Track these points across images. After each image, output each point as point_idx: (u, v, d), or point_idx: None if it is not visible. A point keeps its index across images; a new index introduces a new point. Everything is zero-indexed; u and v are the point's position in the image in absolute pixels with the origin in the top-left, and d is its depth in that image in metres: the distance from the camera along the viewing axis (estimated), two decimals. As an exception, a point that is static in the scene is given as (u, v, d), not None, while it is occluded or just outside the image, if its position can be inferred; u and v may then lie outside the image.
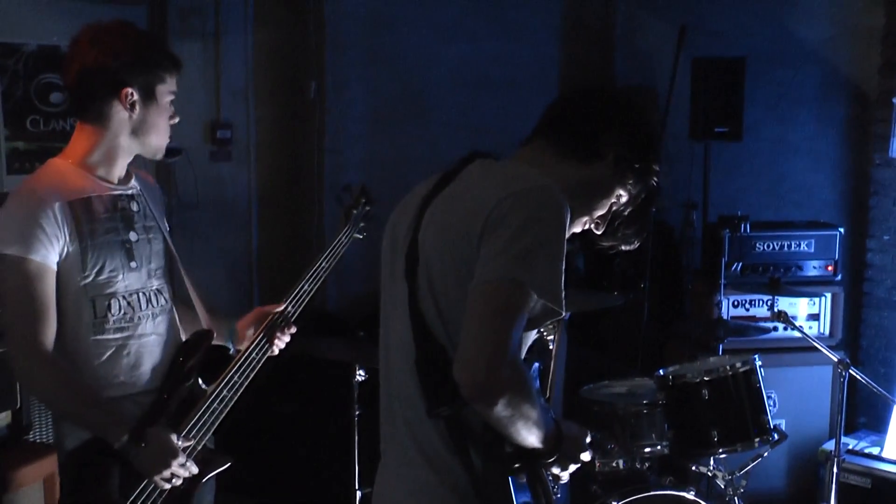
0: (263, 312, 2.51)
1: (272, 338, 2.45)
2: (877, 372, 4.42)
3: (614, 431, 3.13)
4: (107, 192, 2.26)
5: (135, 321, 2.26)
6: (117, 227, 2.25)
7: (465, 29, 5.23)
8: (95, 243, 2.20)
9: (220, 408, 2.31)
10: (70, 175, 2.23)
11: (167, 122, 2.30)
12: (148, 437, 2.15)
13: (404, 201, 1.93)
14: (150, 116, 2.25)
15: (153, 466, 2.15)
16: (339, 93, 4.91)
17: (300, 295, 2.53)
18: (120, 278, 2.23)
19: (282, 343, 2.48)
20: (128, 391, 2.25)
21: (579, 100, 1.92)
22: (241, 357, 2.39)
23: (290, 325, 2.50)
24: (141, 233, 2.31)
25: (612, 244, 1.98)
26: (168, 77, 2.27)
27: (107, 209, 2.24)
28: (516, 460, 1.74)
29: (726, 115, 4.76)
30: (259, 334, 2.44)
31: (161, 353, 2.33)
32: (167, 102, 2.28)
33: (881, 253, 4.55)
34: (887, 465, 3.89)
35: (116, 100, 2.21)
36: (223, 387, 2.33)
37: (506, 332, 1.62)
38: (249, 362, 2.39)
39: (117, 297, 2.23)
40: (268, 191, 4.92)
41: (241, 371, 2.37)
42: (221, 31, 4.63)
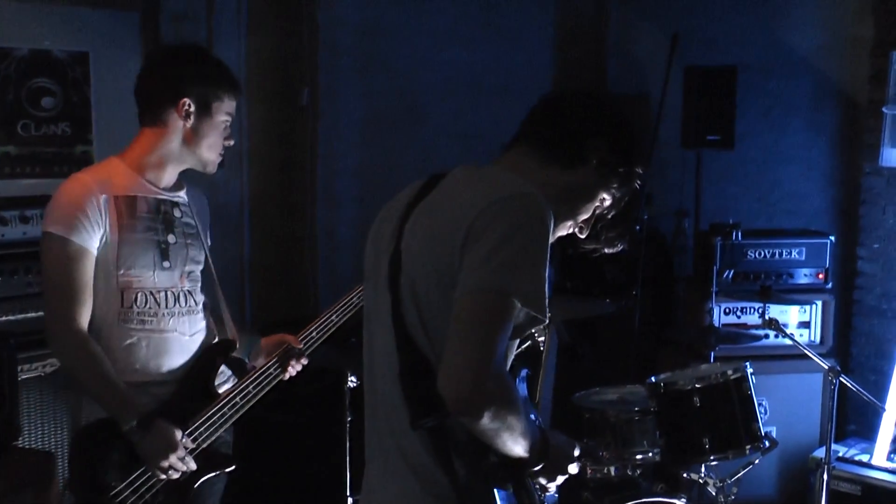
0: (285, 340, 2.68)
1: (285, 364, 2.63)
2: (867, 379, 4.44)
3: (606, 438, 3.14)
4: (152, 195, 2.44)
5: (158, 316, 2.41)
6: (157, 227, 2.42)
7: (458, 36, 5.23)
8: (133, 238, 2.37)
9: (231, 412, 2.46)
10: (122, 173, 2.41)
11: (220, 139, 2.46)
12: (154, 428, 2.30)
13: (387, 208, 1.92)
14: (203, 129, 2.42)
15: (154, 455, 2.30)
16: (332, 99, 4.91)
17: (326, 324, 2.72)
18: (150, 275, 2.39)
19: (293, 371, 2.66)
20: (143, 379, 2.40)
21: (562, 104, 1.92)
22: (258, 371, 2.56)
23: (304, 356, 2.68)
24: (180, 237, 2.47)
25: (596, 247, 1.98)
26: (226, 97, 2.45)
27: (150, 210, 2.42)
28: (501, 470, 1.74)
29: (718, 124, 4.78)
30: (273, 358, 2.62)
31: (183, 351, 2.47)
32: (221, 120, 2.45)
33: (871, 261, 4.57)
34: (877, 473, 3.91)
35: (174, 108, 2.40)
36: (237, 394, 2.49)
37: (490, 344, 1.61)
38: (266, 377, 2.57)
39: (144, 292, 2.39)
40: (260, 197, 4.91)
41: (257, 383, 2.54)
42: (214, 37, 4.62)
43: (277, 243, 4.98)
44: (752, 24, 5.10)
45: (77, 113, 4.12)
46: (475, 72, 5.26)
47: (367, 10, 4.96)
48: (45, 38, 4.03)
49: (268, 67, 4.88)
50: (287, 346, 2.65)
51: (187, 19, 4.51)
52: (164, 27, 4.44)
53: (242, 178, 4.84)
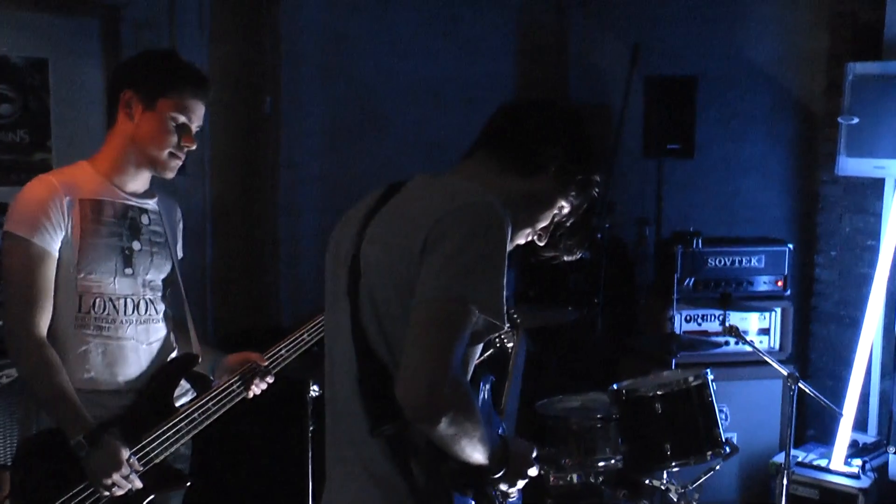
0: (250, 358, 2.61)
1: (249, 383, 2.56)
2: (825, 385, 4.50)
3: (569, 446, 3.15)
4: (120, 200, 2.39)
5: (116, 323, 2.36)
6: (122, 233, 2.37)
7: (421, 45, 5.25)
8: (96, 243, 2.32)
9: (188, 428, 2.40)
10: (89, 177, 2.37)
11: (168, 137, 2.36)
12: (100, 444, 2.23)
13: (346, 216, 1.92)
14: (145, 124, 2.35)
15: (98, 472, 2.23)
16: (294, 108, 4.90)
17: (297, 342, 2.65)
18: (110, 281, 2.34)
19: (258, 389, 2.59)
20: (97, 388, 2.34)
21: (520, 112, 1.92)
22: (219, 388, 2.50)
23: (269, 375, 2.60)
24: (145, 244, 2.42)
25: (555, 255, 1.99)
26: (177, 95, 2.35)
27: (116, 214, 2.37)
28: (461, 477, 1.74)
29: (678, 133, 4.84)
30: (236, 375, 2.55)
31: (140, 361, 2.41)
32: (169, 117, 2.35)
33: (828, 268, 4.64)
34: (835, 477, 3.96)
35: (119, 104, 2.35)
36: (195, 409, 2.43)
37: (447, 351, 1.61)
38: (227, 394, 2.50)
39: (103, 298, 2.34)
40: (222, 206, 4.88)
41: (217, 400, 2.47)
42: (176, 45, 4.59)
43: (239, 252, 4.95)
44: (711, 36, 5.17)
45: (35, 120, 4.08)
46: (437, 81, 5.28)
47: (330, 20, 4.96)
48: (3, 45, 3.99)
49: (230, 76, 4.86)
50: (252, 364, 2.58)
51: (149, 27, 4.48)
52: (125, 35, 4.40)
53: (204, 186, 4.81)
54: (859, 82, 4.13)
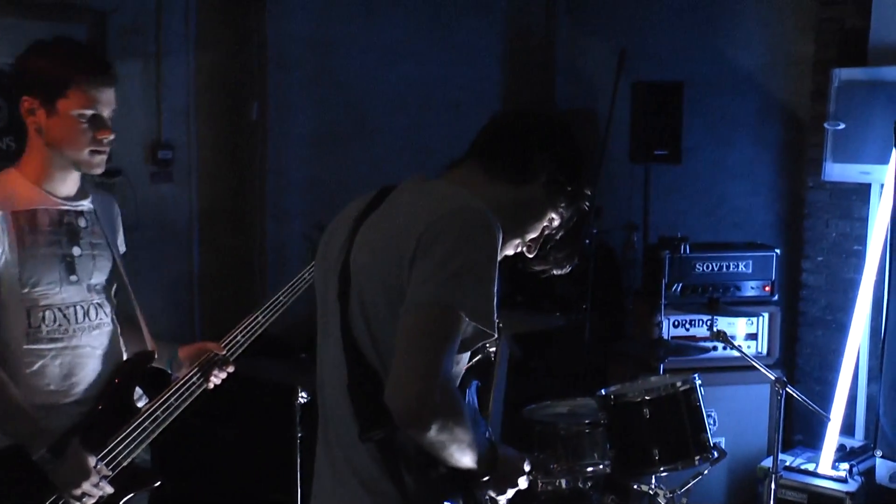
0: (206, 348, 2.55)
1: (208, 374, 2.50)
2: (812, 390, 4.52)
3: (556, 451, 3.14)
4: (54, 206, 2.30)
5: (69, 333, 2.31)
6: (60, 240, 2.30)
7: (408, 51, 5.25)
8: (35, 254, 2.25)
9: (153, 427, 2.36)
10: (19, 187, 2.28)
11: (83, 135, 2.26)
12: (66, 454, 2.19)
13: (337, 220, 1.92)
14: (54, 129, 2.25)
15: (67, 483, 2.19)
16: (281, 114, 4.89)
17: (252, 326, 2.60)
18: (57, 291, 2.28)
19: (217, 380, 2.53)
20: (58, 400, 2.30)
21: (512, 122, 1.93)
22: (179, 382, 2.45)
23: (228, 364, 2.54)
24: (86, 248, 2.35)
25: (545, 268, 1.98)
26: (75, 89, 2.22)
27: (52, 222, 2.29)
28: (450, 482, 1.74)
29: (665, 139, 4.85)
30: (194, 368, 2.49)
31: (97, 367, 2.37)
32: (75, 115, 2.24)
33: (815, 273, 4.66)
34: (822, 481, 3.97)
35: (22, 111, 2.27)
36: (157, 406, 2.39)
37: (437, 357, 1.61)
38: (189, 387, 2.46)
39: (52, 309, 2.28)
40: (209, 212, 4.87)
41: (179, 395, 2.43)
42: (163, 51, 4.58)
43: (227, 258, 4.94)
44: (698, 42, 5.20)
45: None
46: (425, 87, 5.28)
47: (317, 25, 4.96)
48: (-11, 51, 3.96)
49: (217, 82, 4.85)
50: (209, 354, 2.52)
51: (135, 33, 4.47)
52: (112, 41, 4.39)
53: (191, 192, 4.79)
54: (845, 88, 4.15)
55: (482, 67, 5.56)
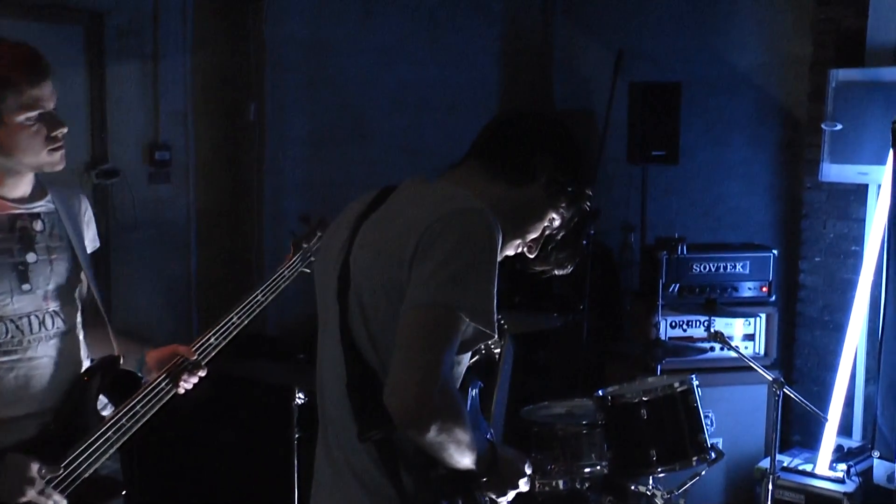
0: (176, 352, 2.41)
1: (177, 379, 2.37)
2: (810, 390, 4.52)
3: (554, 452, 3.13)
4: (5, 211, 2.19)
5: (24, 345, 2.19)
6: (12, 248, 2.18)
7: (405, 53, 5.25)
8: None
9: (116, 437, 2.24)
10: None
11: (36, 138, 2.15)
12: (6, 463, 2.09)
13: (337, 221, 1.91)
14: (5, 141, 2.13)
15: (10, 493, 2.08)
16: (279, 115, 4.89)
17: (227, 327, 2.46)
18: (8, 301, 2.17)
19: (188, 384, 2.40)
20: (15, 413, 2.18)
21: (512, 122, 1.92)
22: (146, 388, 2.32)
23: (199, 368, 2.41)
24: (42, 253, 2.23)
25: (546, 268, 1.98)
26: (15, 96, 2.10)
27: (2, 229, 2.18)
28: (449, 483, 1.74)
29: (663, 139, 4.85)
30: (163, 374, 2.36)
31: (55, 376, 2.25)
32: (20, 122, 2.12)
33: (813, 274, 4.67)
34: (819, 482, 3.98)
35: None
36: (122, 415, 2.26)
37: (436, 358, 1.61)
38: (157, 394, 2.32)
39: (4, 321, 2.16)
40: (207, 213, 4.87)
41: (146, 402, 2.30)
42: (160, 52, 4.58)
43: (225, 259, 4.94)
44: (695, 43, 5.20)
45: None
46: (422, 88, 5.28)
47: (315, 27, 4.96)
48: (-15, 52, 3.95)
49: (214, 83, 4.85)
50: (178, 359, 2.38)
51: (132, 34, 4.46)
52: (109, 42, 4.39)
53: (189, 194, 4.79)
54: (842, 89, 4.16)
55: (479, 69, 5.56)
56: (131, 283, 4.60)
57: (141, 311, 4.62)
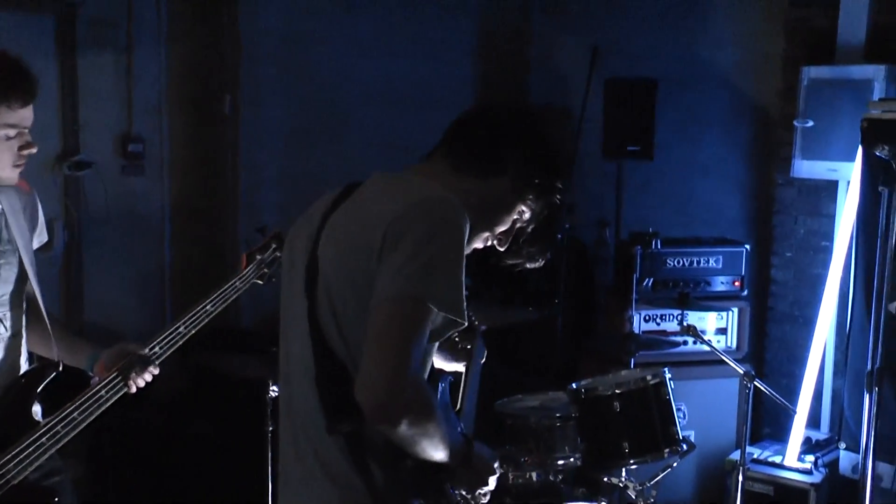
0: (126, 350, 2.37)
1: (127, 378, 2.31)
2: (780, 384, 4.57)
3: (528, 445, 3.16)
4: None
5: None
6: None
7: (382, 46, 5.25)
8: None
9: (50, 443, 2.17)
10: None
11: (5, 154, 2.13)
12: None
13: (304, 215, 1.91)
14: None
15: None
16: (254, 108, 4.87)
17: (173, 336, 2.41)
18: None
19: (140, 383, 2.35)
20: None
21: (481, 115, 1.92)
22: (85, 394, 2.25)
23: (151, 366, 2.36)
24: None
25: (517, 262, 1.98)
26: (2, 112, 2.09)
27: None
28: (419, 476, 1.74)
29: (638, 135, 4.88)
30: (112, 373, 2.30)
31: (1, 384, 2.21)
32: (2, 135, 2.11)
33: (784, 269, 4.71)
34: (788, 473, 4.03)
35: None
36: (57, 422, 2.19)
37: (406, 352, 1.61)
38: (96, 400, 2.25)
39: None
40: (181, 206, 4.84)
41: (84, 409, 2.23)
42: (134, 44, 4.55)
43: (199, 253, 4.91)
44: (670, 40, 5.23)
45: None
46: (398, 82, 5.28)
47: (290, 19, 4.94)
48: (-44, 43, 3.91)
49: (189, 75, 4.82)
50: (129, 356, 2.34)
51: (105, 25, 4.43)
52: (81, 33, 4.36)
53: (163, 187, 4.77)
54: (813, 86, 4.20)
55: (456, 64, 5.56)
56: (104, 277, 4.57)
57: (114, 306, 4.59)
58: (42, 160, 4.16)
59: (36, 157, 2.28)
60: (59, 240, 4.37)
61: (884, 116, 3.73)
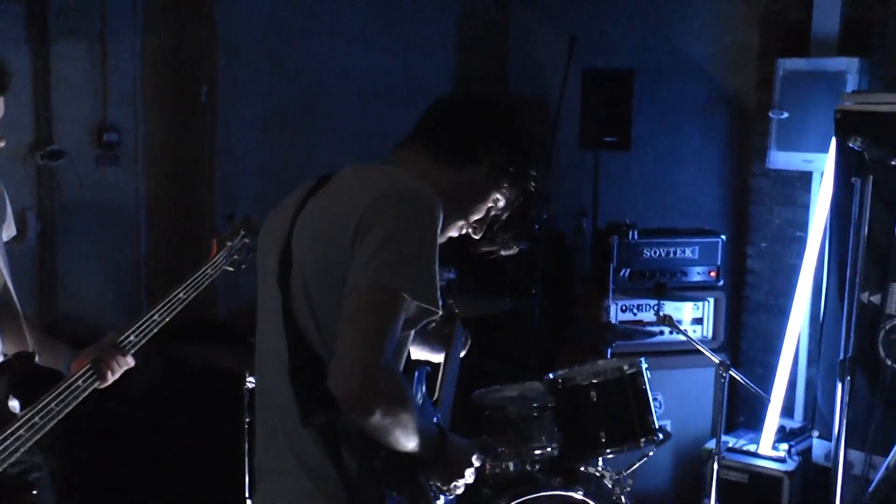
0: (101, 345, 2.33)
1: (100, 369, 2.27)
2: (755, 373, 4.61)
3: (505, 434, 3.17)
4: None
5: None
6: None
7: (361, 37, 5.23)
8: None
9: (29, 434, 2.13)
10: None
11: None
12: None
13: (278, 207, 1.90)
14: None
15: None
16: (231, 98, 4.84)
17: (147, 325, 2.38)
18: None
19: (114, 374, 2.30)
20: None
21: (455, 104, 1.93)
22: (62, 385, 2.21)
23: (124, 354, 2.32)
24: None
25: (492, 249, 1.98)
26: None
27: None
28: (394, 467, 1.74)
29: (615, 126, 4.90)
30: (86, 364, 2.26)
31: None
32: None
33: (759, 259, 4.75)
34: (762, 461, 4.07)
35: None
36: (35, 413, 2.15)
37: (380, 341, 1.61)
38: (73, 391, 2.21)
39: None
40: (157, 197, 4.81)
41: (61, 399, 2.18)
42: (108, 32, 4.50)
43: (176, 245, 4.88)
44: (647, 31, 5.25)
45: None
46: (377, 73, 5.26)
47: (269, 9, 4.91)
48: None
49: (164, 65, 4.78)
50: (100, 347, 2.30)
51: (78, 13, 4.38)
52: (53, 21, 4.30)
53: (138, 178, 4.73)
54: (789, 78, 4.23)
55: (435, 55, 5.56)
56: (79, 268, 4.53)
57: (89, 298, 4.56)
58: (14, 150, 4.12)
59: (8, 146, 2.25)
60: (33, 231, 4.33)
61: (857, 108, 3.76)
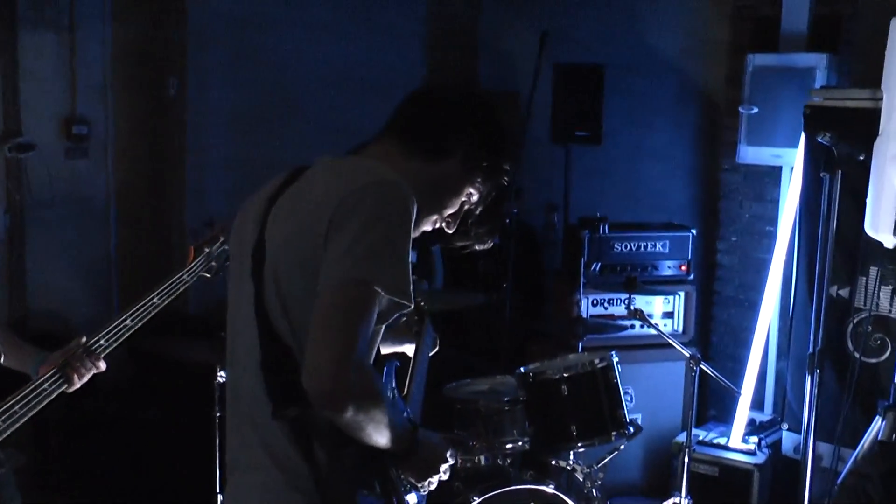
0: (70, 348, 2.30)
1: (68, 373, 2.25)
2: (725, 367, 4.65)
3: (476, 428, 3.18)
4: None
5: None
6: None
7: (332, 29, 5.21)
8: None
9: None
10: None
11: None
12: None
13: (250, 200, 1.89)
14: None
15: None
16: (201, 91, 4.80)
17: (119, 329, 2.35)
18: None
19: (82, 379, 2.28)
20: None
21: (428, 97, 1.92)
22: (27, 388, 2.19)
23: (94, 359, 2.29)
24: None
25: (466, 243, 1.98)
26: None
27: None
28: (365, 462, 1.73)
29: (586, 120, 4.91)
30: (53, 367, 2.25)
31: None
32: None
33: (729, 254, 4.79)
34: (732, 454, 4.11)
35: None
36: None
37: (353, 337, 1.60)
38: (38, 394, 2.19)
39: None
40: (127, 189, 4.76)
41: (25, 402, 2.17)
42: (77, 23, 4.45)
43: (146, 237, 4.85)
44: (618, 26, 5.27)
45: None
46: (347, 66, 5.25)
47: (238, 1, 4.88)
48: None
49: (134, 56, 4.74)
50: (69, 350, 2.27)
51: (47, 4, 4.33)
52: (23, 12, 4.25)
53: (107, 170, 4.69)
54: (758, 73, 4.27)
55: (405, 48, 5.54)
56: (48, 262, 4.48)
57: (59, 292, 4.51)
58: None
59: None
60: (1, 225, 4.28)
61: (825, 104, 3.80)
